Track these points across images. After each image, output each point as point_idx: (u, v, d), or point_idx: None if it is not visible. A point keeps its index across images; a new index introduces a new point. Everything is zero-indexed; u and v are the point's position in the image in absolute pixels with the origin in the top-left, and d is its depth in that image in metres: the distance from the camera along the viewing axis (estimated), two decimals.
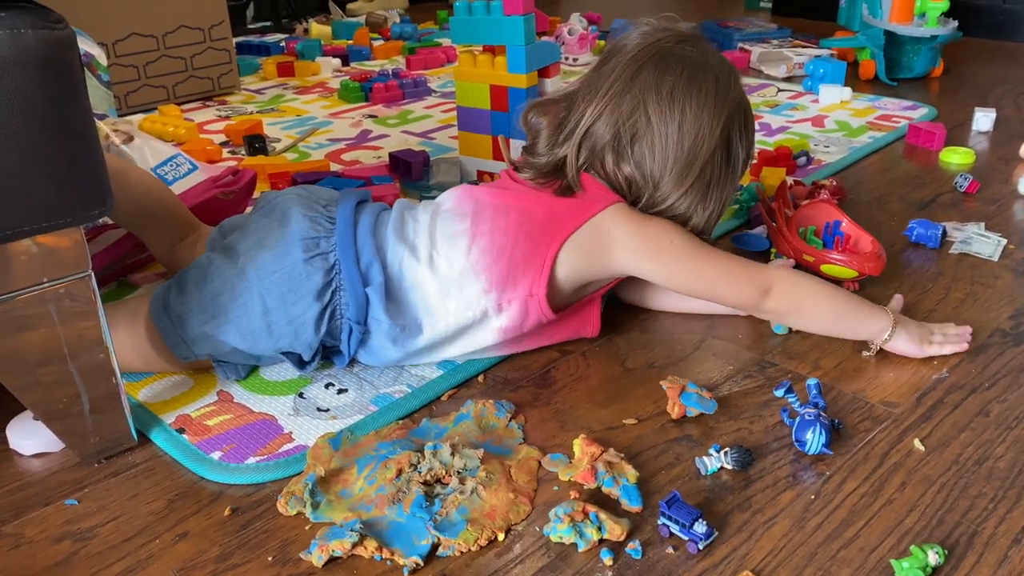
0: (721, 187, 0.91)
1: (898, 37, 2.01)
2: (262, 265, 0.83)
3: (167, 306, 0.84)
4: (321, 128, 1.76)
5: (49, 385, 0.73)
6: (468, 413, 0.82)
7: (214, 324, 0.83)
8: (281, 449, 0.78)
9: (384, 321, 0.85)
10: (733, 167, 0.92)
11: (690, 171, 0.87)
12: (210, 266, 0.85)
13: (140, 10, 1.86)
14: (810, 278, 0.91)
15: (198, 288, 0.84)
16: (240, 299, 0.83)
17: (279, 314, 0.83)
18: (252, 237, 0.86)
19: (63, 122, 0.64)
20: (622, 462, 0.74)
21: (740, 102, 0.91)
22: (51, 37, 0.62)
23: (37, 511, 0.73)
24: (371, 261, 0.85)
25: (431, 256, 0.86)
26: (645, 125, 0.87)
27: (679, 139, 0.87)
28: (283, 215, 0.87)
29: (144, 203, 1.03)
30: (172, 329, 0.84)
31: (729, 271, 0.88)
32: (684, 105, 0.87)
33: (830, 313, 0.90)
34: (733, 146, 0.91)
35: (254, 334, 0.84)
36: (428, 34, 2.69)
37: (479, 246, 0.85)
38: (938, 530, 0.68)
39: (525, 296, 0.85)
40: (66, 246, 0.69)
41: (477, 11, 1.29)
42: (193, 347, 0.85)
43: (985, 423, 0.80)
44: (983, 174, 1.42)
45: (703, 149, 0.87)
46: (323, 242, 0.85)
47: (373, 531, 0.68)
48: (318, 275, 0.83)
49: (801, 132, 1.67)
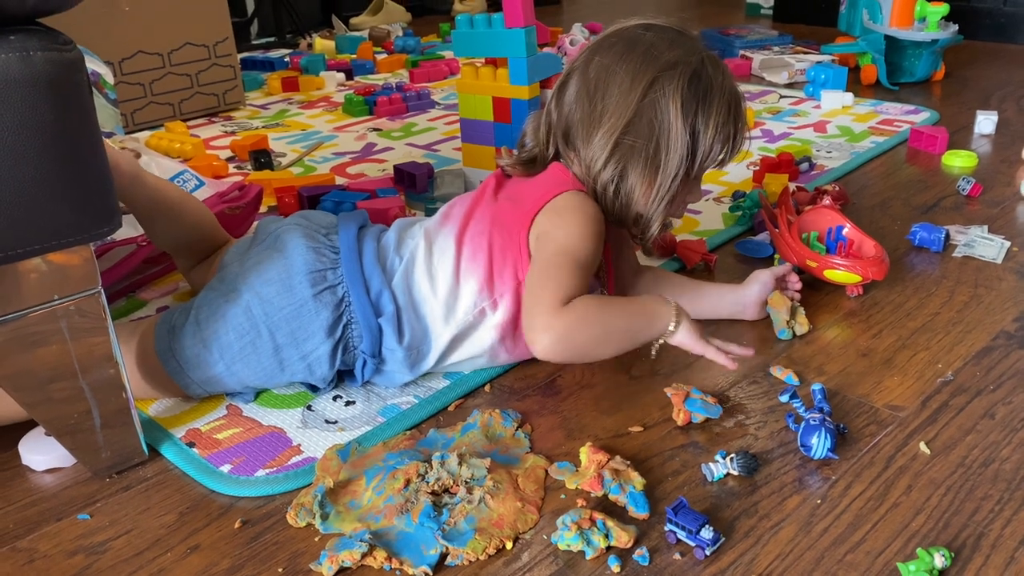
0: (663, 164, 0.85)
1: (899, 42, 2.01)
2: (268, 301, 0.83)
3: (173, 348, 0.84)
4: (326, 142, 1.78)
5: (60, 401, 0.74)
6: (475, 423, 0.83)
7: (224, 365, 0.84)
8: (290, 461, 0.79)
9: (398, 350, 0.85)
10: (670, 139, 0.85)
11: (609, 138, 0.85)
12: (209, 307, 0.85)
13: (146, 29, 1.88)
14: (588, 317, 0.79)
15: (200, 330, 0.84)
16: (247, 337, 0.83)
17: (290, 351, 0.84)
18: (253, 269, 0.86)
19: (72, 142, 0.65)
20: (628, 469, 0.75)
21: (676, 68, 0.85)
22: (60, 59, 0.63)
23: (50, 526, 0.73)
24: (381, 290, 0.85)
25: (432, 276, 0.87)
26: (576, 106, 0.88)
27: (601, 110, 0.85)
28: (284, 245, 0.86)
29: (189, 234, 1.03)
30: (182, 372, 0.84)
31: (545, 289, 0.80)
32: (607, 79, 0.86)
33: (615, 343, 0.83)
34: (666, 115, 0.84)
35: (266, 371, 0.84)
36: (431, 47, 2.71)
37: (465, 255, 0.86)
38: (944, 533, 0.68)
39: (515, 285, 0.86)
40: (76, 263, 0.70)
41: (479, 24, 1.30)
42: (206, 387, 0.86)
43: (991, 425, 0.81)
44: (986, 177, 1.43)
45: (621, 116, 0.84)
46: (330, 274, 0.85)
47: (382, 541, 0.68)
48: (327, 311, 0.83)
49: (803, 138, 1.68)
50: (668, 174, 0.86)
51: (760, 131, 1.73)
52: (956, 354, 0.92)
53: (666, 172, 0.86)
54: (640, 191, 0.87)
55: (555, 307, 0.78)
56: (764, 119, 1.82)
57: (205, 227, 1.05)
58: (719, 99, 0.87)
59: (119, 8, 1.82)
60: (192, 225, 1.04)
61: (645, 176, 0.86)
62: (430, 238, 0.89)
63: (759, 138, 1.68)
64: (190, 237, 1.04)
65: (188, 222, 1.03)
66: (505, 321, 0.87)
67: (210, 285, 0.88)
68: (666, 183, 0.86)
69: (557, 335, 0.78)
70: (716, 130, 0.87)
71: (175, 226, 1.02)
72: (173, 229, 1.03)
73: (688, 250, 1.15)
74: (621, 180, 0.86)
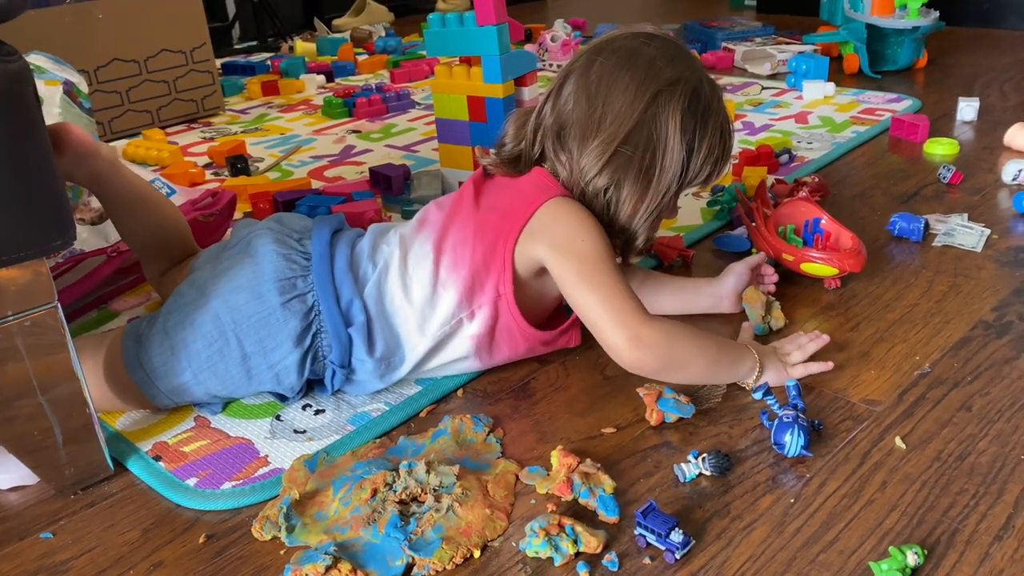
0: (656, 178, 0.85)
1: (880, 30, 2.00)
2: (237, 308, 0.82)
3: (140, 358, 0.83)
4: (305, 146, 1.76)
5: (21, 419, 0.73)
6: (446, 429, 0.82)
7: (191, 374, 0.82)
8: (257, 473, 0.78)
9: (368, 360, 0.84)
10: (666, 155, 0.85)
11: (607, 146, 0.83)
12: (178, 313, 0.83)
13: (121, 36, 1.86)
14: (684, 331, 0.81)
15: (168, 338, 0.83)
16: (214, 345, 0.82)
17: (258, 359, 0.82)
18: (223, 276, 0.84)
19: (18, 155, 0.64)
20: (599, 472, 0.73)
21: (677, 85, 0.85)
22: (2, 70, 0.62)
23: (12, 546, 0.72)
24: (351, 299, 0.84)
25: (406, 284, 0.85)
26: (573, 108, 0.86)
27: (600, 115, 0.84)
28: (255, 252, 0.85)
29: (163, 232, 1.02)
30: (149, 381, 0.83)
31: (610, 300, 0.79)
32: (609, 86, 0.85)
33: (703, 366, 0.82)
34: (665, 130, 0.84)
35: (233, 380, 0.83)
36: (413, 47, 2.69)
37: (445, 264, 0.85)
38: (919, 529, 0.67)
39: (494, 298, 0.84)
40: (29, 279, 0.69)
41: (451, 23, 1.29)
42: (174, 397, 0.84)
43: (967, 418, 0.80)
44: (967, 164, 1.42)
45: (621, 125, 0.84)
46: (300, 282, 0.83)
47: (348, 553, 0.67)
48: (295, 320, 0.82)
49: (784, 129, 1.67)
50: (660, 189, 0.86)
51: (741, 123, 1.72)
52: (934, 345, 0.91)
53: (659, 187, 0.86)
54: (630, 203, 0.86)
55: (638, 314, 0.79)
56: (745, 111, 1.81)
57: (179, 228, 1.04)
58: (714, 121, 0.88)
59: (93, 16, 1.80)
60: (166, 222, 1.02)
61: (637, 189, 0.85)
62: (405, 245, 0.87)
63: (740, 131, 1.67)
64: (164, 235, 1.02)
65: (163, 217, 1.01)
66: (481, 333, 0.86)
67: (179, 290, 0.87)
68: (656, 198, 0.86)
69: (653, 340, 0.78)
70: (709, 151, 0.87)
71: (151, 220, 1.00)
72: (149, 224, 1.00)
73: (665, 247, 1.13)
74: (615, 190, 0.85)
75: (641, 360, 0.78)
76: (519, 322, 0.86)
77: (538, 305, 0.89)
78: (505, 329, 0.86)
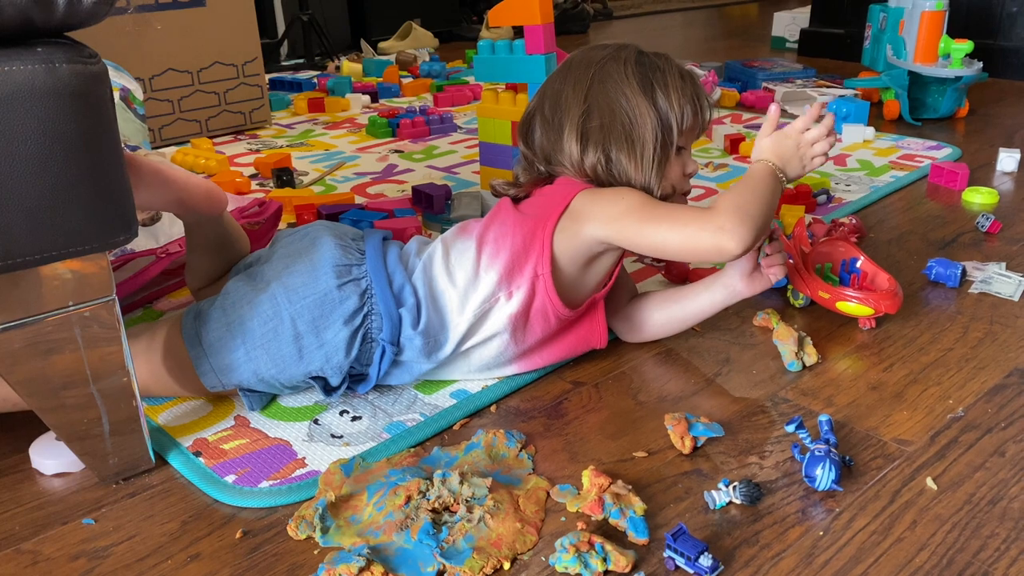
0: (635, 133, 0.90)
1: (922, 78, 2.01)
2: (293, 289, 0.86)
3: (199, 332, 0.86)
4: (348, 162, 1.80)
5: (72, 407, 0.75)
6: (479, 442, 0.83)
7: (244, 351, 0.85)
8: (294, 474, 0.80)
9: (416, 338, 0.88)
10: (631, 109, 0.90)
11: (575, 127, 0.91)
12: (236, 293, 0.88)
13: (176, 47, 1.92)
14: (733, 195, 0.87)
15: (225, 315, 0.86)
16: (270, 324, 0.85)
17: (310, 339, 0.85)
18: (281, 262, 0.89)
19: (93, 152, 0.67)
20: (630, 494, 0.74)
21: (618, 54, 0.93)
22: (84, 71, 0.65)
23: (55, 529, 0.74)
24: (403, 284, 0.89)
25: (450, 271, 0.90)
26: (541, 130, 0.94)
27: (562, 111, 0.92)
28: (313, 242, 0.90)
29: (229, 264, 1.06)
30: (204, 357, 0.86)
31: (677, 222, 0.85)
32: (558, 89, 0.94)
33: (766, 202, 0.87)
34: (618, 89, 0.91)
35: (284, 359, 0.86)
36: (456, 72, 2.74)
37: (486, 253, 0.90)
38: (948, 570, 0.67)
39: (532, 279, 0.88)
40: (92, 271, 0.72)
41: (500, 50, 1.32)
42: (222, 376, 0.87)
43: (1000, 463, 0.80)
44: (1006, 215, 1.42)
45: (578, 105, 0.91)
46: (355, 269, 0.88)
47: (380, 557, 0.68)
48: (352, 299, 0.86)
49: (822, 171, 1.68)
50: (647, 139, 0.91)
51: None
52: (968, 390, 0.91)
53: (644, 138, 0.91)
54: (630, 164, 0.91)
55: (703, 214, 0.84)
56: None
57: (244, 255, 1.08)
58: (668, 68, 0.94)
59: (151, 26, 1.86)
60: (237, 258, 1.06)
61: (625, 148, 0.90)
62: (447, 245, 0.93)
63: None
64: (227, 268, 1.06)
65: (237, 256, 1.06)
66: (516, 312, 0.89)
67: (238, 277, 0.91)
68: (648, 150, 0.91)
69: (730, 218, 0.82)
70: (678, 93, 0.92)
71: (223, 263, 1.05)
72: (220, 265, 1.05)
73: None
74: (608, 160, 0.91)
75: (739, 236, 0.82)
76: (553, 300, 0.89)
77: (572, 292, 0.92)
78: (540, 311, 0.90)
